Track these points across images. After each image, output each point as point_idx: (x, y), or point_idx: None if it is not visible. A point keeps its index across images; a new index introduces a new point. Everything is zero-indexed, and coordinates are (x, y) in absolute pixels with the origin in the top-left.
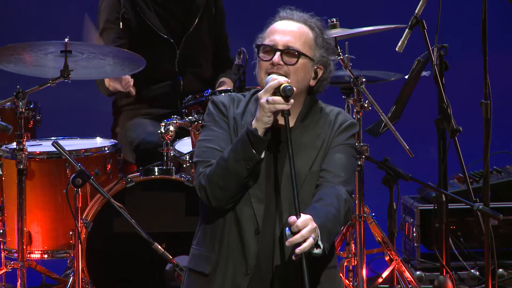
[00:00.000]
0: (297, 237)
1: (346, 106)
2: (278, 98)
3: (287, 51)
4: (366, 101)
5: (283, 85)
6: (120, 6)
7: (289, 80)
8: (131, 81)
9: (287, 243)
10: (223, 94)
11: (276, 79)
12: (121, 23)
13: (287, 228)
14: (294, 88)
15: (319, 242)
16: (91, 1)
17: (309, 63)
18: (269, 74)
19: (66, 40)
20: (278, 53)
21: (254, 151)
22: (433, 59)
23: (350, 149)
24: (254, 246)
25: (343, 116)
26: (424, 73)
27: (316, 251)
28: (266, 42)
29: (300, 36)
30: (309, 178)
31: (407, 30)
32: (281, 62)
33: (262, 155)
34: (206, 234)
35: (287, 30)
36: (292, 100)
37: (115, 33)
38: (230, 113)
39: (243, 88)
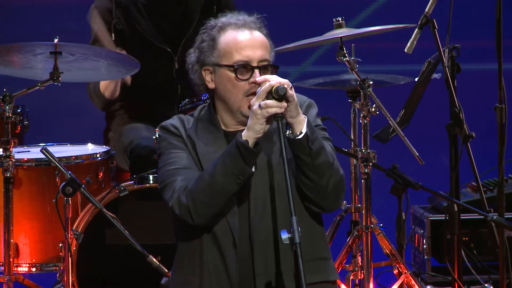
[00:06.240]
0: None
1: (352, 110)
2: (271, 102)
3: (264, 67)
4: (374, 105)
5: (274, 87)
6: (112, 16)
7: (280, 81)
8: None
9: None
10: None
11: (267, 82)
12: (113, 35)
13: (282, 231)
14: (286, 86)
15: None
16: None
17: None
18: (248, 96)
19: (56, 40)
20: (257, 71)
21: (245, 165)
22: (444, 61)
23: (321, 132)
24: (235, 261)
25: (298, 99)
26: (434, 76)
27: (293, 135)
28: (238, 58)
29: (266, 46)
30: (279, 168)
31: (416, 30)
32: None
33: (253, 169)
34: (184, 257)
35: (255, 43)
36: (285, 103)
37: (107, 45)
38: (183, 132)
39: None
